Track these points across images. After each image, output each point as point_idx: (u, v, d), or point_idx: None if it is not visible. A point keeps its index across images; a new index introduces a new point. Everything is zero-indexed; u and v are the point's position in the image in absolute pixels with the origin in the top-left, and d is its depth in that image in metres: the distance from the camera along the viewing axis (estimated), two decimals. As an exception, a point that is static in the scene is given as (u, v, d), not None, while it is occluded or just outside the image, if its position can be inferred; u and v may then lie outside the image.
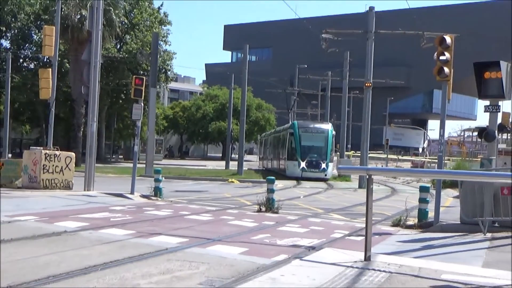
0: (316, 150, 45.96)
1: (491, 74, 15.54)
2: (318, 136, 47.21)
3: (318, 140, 46.83)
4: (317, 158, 45.14)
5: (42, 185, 23.62)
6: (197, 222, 15.76)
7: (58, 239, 11.59)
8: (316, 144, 46.55)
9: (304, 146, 45.97)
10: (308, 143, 46.40)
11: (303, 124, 50.13)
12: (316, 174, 44.37)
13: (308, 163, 44.67)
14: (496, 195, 14.11)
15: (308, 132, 47.46)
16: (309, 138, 46.87)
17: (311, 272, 8.70)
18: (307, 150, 45.73)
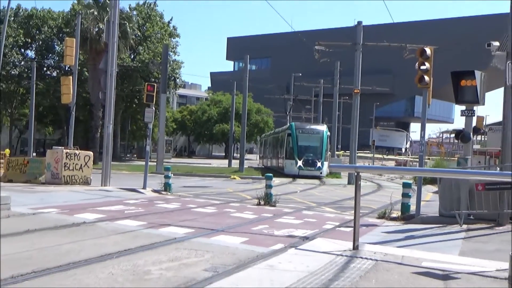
0: (312, 150, 44.96)
1: (466, 82, 15.53)
2: (314, 136, 46.08)
3: (314, 140, 45.75)
4: (313, 157, 44.14)
5: (63, 181, 23.63)
6: (202, 214, 15.74)
7: (78, 230, 11.59)
8: (312, 144, 45.49)
9: (301, 146, 45.06)
10: (305, 143, 45.41)
11: (300, 126, 49.24)
12: (312, 172, 43.34)
13: (305, 162, 43.69)
14: (471, 190, 14.13)
15: (305, 133, 46.38)
16: (306, 138, 45.85)
17: (305, 259, 8.70)
18: (303, 150, 44.75)
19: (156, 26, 66.84)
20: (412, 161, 65.90)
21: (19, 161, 26.86)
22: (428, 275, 7.90)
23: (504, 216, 14.22)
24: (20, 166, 26.02)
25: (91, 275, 7.41)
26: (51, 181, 23.68)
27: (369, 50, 40.26)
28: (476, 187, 13.78)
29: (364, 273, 7.88)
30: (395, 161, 76.89)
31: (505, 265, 8.42)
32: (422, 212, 16.63)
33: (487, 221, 14.30)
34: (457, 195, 14.48)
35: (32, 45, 67.04)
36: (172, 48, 66.33)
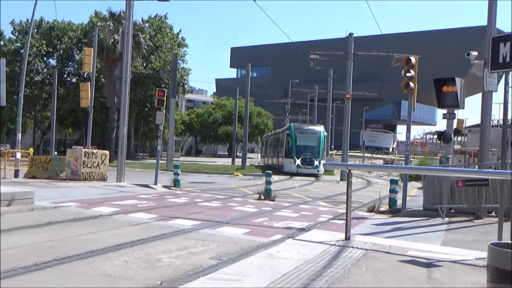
0: (309, 149, 43.51)
1: (448, 88, 15.57)
2: (311, 136, 44.60)
3: (311, 140, 44.29)
4: (310, 156, 42.68)
5: (82, 177, 23.62)
6: (208, 208, 15.74)
7: (95, 222, 11.59)
8: (310, 143, 44.06)
9: (299, 145, 43.72)
10: (303, 142, 44.10)
11: (299, 126, 48.18)
12: (309, 170, 41.92)
13: (303, 161, 42.41)
14: (452, 186, 14.19)
15: (303, 133, 45.10)
16: (304, 138, 44.47)
17: (301, 249, 8.70)
18: (301, 149, 43.42)
19: (166, 37, 66.86)
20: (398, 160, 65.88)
21: (42, 160, 26.85)
22: (413, 263, 7.91)
23: (482, 210, 14.28)
24: (43, 164, 26.01)
25: (107, 263, 7.42)
26: (71, 178, 23.68)
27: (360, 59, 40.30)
28: (457, 184, 13.83)
29: (355, 261, 7.89)
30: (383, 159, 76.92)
31: (483, 254, 8.43)
32: (407, 206, 16.67)
33: (467, 215, 14.36)
34: (439, 190, 14.54)
35: (54, 54, 67.11)
36: (181, 57, 66.39)
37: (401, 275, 7.14)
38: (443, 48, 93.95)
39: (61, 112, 62.53)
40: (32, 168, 26.17)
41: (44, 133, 76.47)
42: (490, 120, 16.07)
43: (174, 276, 6.80)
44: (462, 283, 6.79)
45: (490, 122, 15.86)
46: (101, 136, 62.37)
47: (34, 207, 13.28)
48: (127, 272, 6.97)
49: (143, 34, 57.14)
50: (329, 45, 59.27)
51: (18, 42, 64.31)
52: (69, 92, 61.96)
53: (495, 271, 2.71)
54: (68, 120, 69.85)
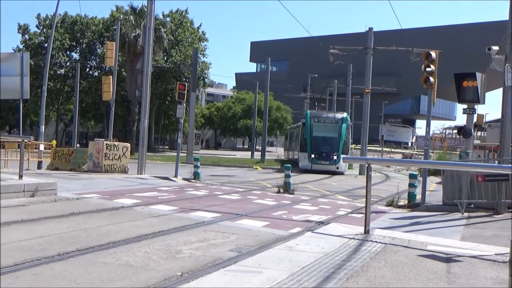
0: (328, 141, 37.54)
1: (468, 83, 15.41)
2: (330, 126, 38.45)
3: (331, 130, 38.11)
4: (328, 150, 36.74)
5: (103, 169, 23.75)
6: (228, 200, 15.76)
7: (117, 213, 11.66)
8: (328, 134, 37.84)
9: (315, 136, 37.75)
10: (320, 133, 37.93)
11: (316, 114, 41.61)
12: (326, 166, 36.30)
13: (318, 155, 36.49)
14: (472, 181, 14.05)
15: (321, 122, 38.96)
16: (321, 128, 38.31)
17: (320, 242, 8.68)
18: (318, 141, 37.50)
19: (187, 31, 66.98)
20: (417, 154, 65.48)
21: (64, 151, 27.06)
22: (433, 258, 7.85)
23: (502, 205, 14.12)
24: (66, 156, 26.22)
25: (129, 253, 7.46)
26: (93, 170, 23.83)
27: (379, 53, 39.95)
28: (476, 179, 13.69)
29: (374, 254, 7.86)
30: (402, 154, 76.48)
31: (503, 250, 8.38)
32: (426, 200, 16.55)
33: (486, 210, 14.21)
34: (459, 185, 14.40)
35: (77, 48, 67.61)
36: (201, 51, 66.46)
37: (420, 269, 7.09)
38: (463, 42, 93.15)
39: (84, 105, 63.03)
40: (55, 160, 26.40)
41: (67, 125, 77.08)
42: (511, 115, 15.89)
43: (195, 267, 6.82)
44: (481, 278, 6.73)
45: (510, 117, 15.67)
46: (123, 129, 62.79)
47: (57, 198, 13.39)
48: (148, 262, 7.01)
49: (164, 28, 57.33)
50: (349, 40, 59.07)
51: (42, 36, 64.81)
52: (91, 86, 62.47)
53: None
54: (90, 113, 70.35)
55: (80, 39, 66.51)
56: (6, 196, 12.42)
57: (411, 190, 17.35)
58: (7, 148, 27.80)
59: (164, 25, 58.34)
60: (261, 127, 60.98)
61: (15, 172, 15.73)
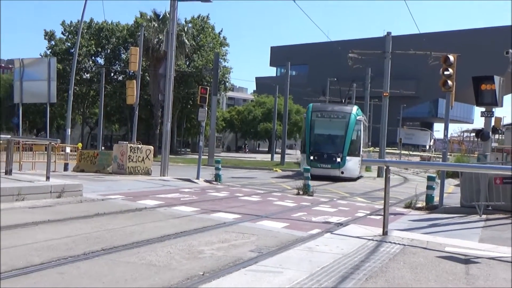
0: (331, 140, 30.89)
1: (486, 86, 15.27)
2: (335, 122, 30.90)
3: (335, 126, 30.74)
4: (330, 150, 29.87)
5: (127, 171, 23.88)
6: (248, 202, 15.76)
7: (140, 214, 11.72)
8: (332, 132, 30.95)
9: (317, 134, 30.98)
10: (322, 131, 31.05)
11: (319, 107, 33.52)
12: (327, 170, 29.33)
13: (318, 157, 29.62)
14: (490, 183, 13.91)
15: (324, 117, 31.41)
16: (324, 124, 31.04)
17: (339, 243, 8.64)
18: (319, 140, 30.85)
19: (209, 36, 67.23)
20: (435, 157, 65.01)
21: (90, 154, 27.25)
22: (451, 259, 7.78)
23: (520, 208, 13.97)
24: (91, 158, 26.40)
25: (152, 253, 7.48)
26: (117, 171, 23.97)
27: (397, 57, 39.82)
28: (495, 181, 13.58)
29: (393, 256, 7.80)
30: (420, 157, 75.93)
31: (521, 251, 8.27)
32: (444, 203, 16.43)
33: (505, 212, 14.04)
34: (477, 188, 14.27)
35: (102, 53, 68.20)
36: (222, 55, 66.56)
37: (439, 270, 7.02)
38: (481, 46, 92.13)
39: (108, 108, 63.50)
40: (80, 162, 26.59)
41: (92, 128, 77.75)
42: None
43: (216, 267, 6.82)
44: (500, 280, 6.65)
45: (528, 121, 15.52)
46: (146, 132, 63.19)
47: (83, 199, 13.50)
48: (171, 262, 7.02)
49: (186, 34, 57.53)
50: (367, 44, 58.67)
51: (68, 42, 65.46)
52: (116, 90, 62.93)
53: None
54: (114, 116, 70.87)
55: (105, 45, 67.10)
56: (34, 197, 12.56)
57: (429, 192, 17.22)
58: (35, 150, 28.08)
59: (186, 31, 58.56)
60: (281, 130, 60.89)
61: (42, 173, 15.89)
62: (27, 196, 12.36)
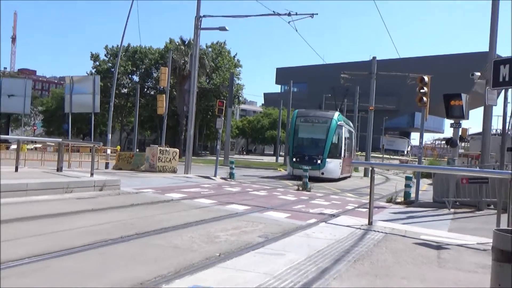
0: (312, 143, 27.83)
1: (455, 102, 15.23)
2: (317, 126, 28.00)
3: (318, 131, 27.82)
4: (311, 152, 27.00)
5: (157, 169, 23.94)
6: (257, 196, 15.73)
7: (168, 205, 11.72)
8: (314, 136, 27.99)
9: (300, 138, 28.37)
10: (305, 134, 28.34)
11: (304, 113, 30.01)
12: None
13: (300, 158, 26.86)
14: (458, 183, 13.91)
15: (308, 122, 28.56)
16: (307, 129, 28.32)
17: (332, 231, 8.61)
18: (301, 143, 28.17)
19: (225, 59, 67.34)
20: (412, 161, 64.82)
21: (126, 155, 27.33)
22: (425, 245, 7.73)
23: (483, 203, 13.94)
24: (127, 158, 26.48)
25: (177, 237, 7.48)
26: (149, 170, 24.03)
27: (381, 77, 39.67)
28: (461, 181, 13.54)
29: (377, 242, 7.76)
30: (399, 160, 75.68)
31: (484, 240, 8.24)
32: (419, 198, 16.40)
33: (469, 207, 14.03)
34: (447, 186, 14.26)
35: (137, 72, 68.53)
36: (236, 75, 66.61)
37: (415, 254, 6.98)
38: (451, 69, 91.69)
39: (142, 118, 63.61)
40: (119, 162, 26.68)
41: (128, 134, 77.99)
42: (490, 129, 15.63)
43: (230, 250, 6.82)
44: (466, 263, 6.60)
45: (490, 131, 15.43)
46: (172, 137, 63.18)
47: (120, 192, 13.54)
48: (192, 245, 7.02)
49: (207, 57, 57.79)
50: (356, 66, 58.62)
51: (110, 63, 65.81)
52: (148, 102, 63.09)
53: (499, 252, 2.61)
54: (147, 124, 71.06)
55: (140, 65, 67.46)
56: (80, 190, 12.61)
57: (407, 189, 17.15)
58: (81, 151, 28.20)
59: (207, 54, 58.80)
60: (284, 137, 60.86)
61: (87, 171, 15.96)
62: (74, 189, 12.42)
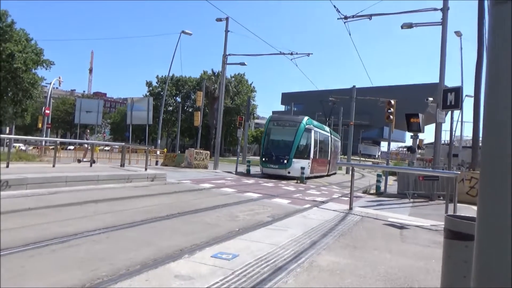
0: (281, 144, 22.91)
1: (414, 119, 15.11)
2: (287, 129, 23.23)
3: (287, 134, 23.03)
4: (279, 153, 22.47)
5: (193, 166, 24.02)
6: (266, 187, 15.67)
7: (201, 192, 11.73)
8: (283, 138, 23.04)
9: (271, 140, 23.42)
10: (276, 137, 23.36)
11: (277, 118, 25.17)
12: (275, 170, 22.08)
13: (269, 158, 22.61)
14: (416, 179, 13.76)
15: (279, 126, 23.69)
16: (278, 131, 23.45)
17: (322, 213, 8.55)
18: (271, 145, 23.19)
19: (244, 86, 67.42)
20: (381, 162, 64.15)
21: (171, 155, 27.45)
22: (392, 226, 7.65)
23: (434, 195, 13.73)
24: (172, 158, 26.60)
25: (207, 216, 7.48)
26: (187, 166, 24.12)
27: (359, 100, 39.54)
28: (419, 178, 13.38)
29: (355, 222, 7.69)
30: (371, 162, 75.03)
31: (435, 223, 8.12)
32: (387, 191, 16.19)
33: (424, 198, 13.84)
34: (407, 182, 14.09)
35: (179, 94, 68.80)
36: (252, 98, 66.67)
37: (384, 232, 6.91)
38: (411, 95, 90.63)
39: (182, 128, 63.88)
40: (165, 160, 26.82)
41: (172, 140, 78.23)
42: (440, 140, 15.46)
43: (246, 226, 6.79)
44: (421, 239, 6.52)
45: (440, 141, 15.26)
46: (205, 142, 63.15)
47: (166, 182, 13.57)
48: (218, 222, 7.01)
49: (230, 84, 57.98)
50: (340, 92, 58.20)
51: (159, 88, 66.27)
52: (187, 117, 63.23)
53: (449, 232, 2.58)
54: (186, 132, 71.25)
55: (182, 89, 67.77)
56: (137, 180, 12.67)
57: (378, 184, 16.96)
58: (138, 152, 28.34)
59: (230, 83, 58.98)
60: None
61: (142, 166, 16.05)
62: (133, 179, 12.49)
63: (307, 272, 4.17)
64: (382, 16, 16.20)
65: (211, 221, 7.08)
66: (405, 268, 4.64)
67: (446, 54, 14.14)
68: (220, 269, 4.03)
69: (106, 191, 10.02)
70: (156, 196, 9.92)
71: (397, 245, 5.95)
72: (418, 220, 8.59)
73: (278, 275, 3.96)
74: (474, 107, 15.90)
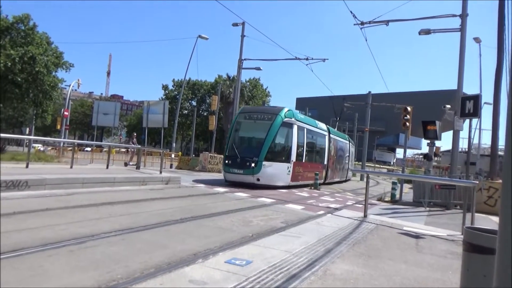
0: (249, 143, 16.75)
1: (431, 127, 14.89)
2: (260, 124, 16.38)
3: (258, 129, 16.35)
4: (245, 154, 15.93)
5: (207, 170, 24.11)
6: (280, 192, 15.60)
7: (215, 196, 11.75)
8: (254, 134, 16.67)
9: (238, 137, 17.00)
10: (244, 133, 17.03)
11: (248, 109, 18.88)
12: (240, 176, 15.80)
13: (232, 161, 16.04)
14: (432, 188, 13.53)
15: (250, 119, 16.85)
16: (248, 126, 16.89)
17: (336, 220, 8.47)
18: (237, 143, 16.70)
19: (259, 90, 67.54)
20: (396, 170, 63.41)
21: (185, 159, 27.64)
22: (407, 235, 7.53)
23: (451, 204, 13.51)
24: (186, 161, 26.77)
25: (221, 221, 7.49)
26: (201, 170, 24.23)
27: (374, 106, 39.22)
28: (435, 187, 13.18)
29: (370, 231, 7.60)
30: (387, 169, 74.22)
31: (452, 232, 7.99)
32: (402, 199, 15.98)
33: (440, 206, 13.61)
34: (423, 190, 13.88)
35: (195, 98, 69.25)
36: (267, 102, 66.67)
37: (399, 241, 6.81)
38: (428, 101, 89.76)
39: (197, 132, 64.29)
40: (180, 163, 27.00)
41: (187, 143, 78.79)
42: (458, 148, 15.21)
43: (260, 232, 6.77)
44: (438, 250, 6.40)
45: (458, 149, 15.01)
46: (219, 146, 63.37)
47: (181, 186, 13.65)
48: (232, 227, 7.01)
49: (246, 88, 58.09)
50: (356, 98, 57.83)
51: (175, 91, 66.88)
52: (202, 121, 63.64)
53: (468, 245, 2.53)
54: (201, 136, 71.60)
55: (197, 93, 68.23)
56: (152, 183, 12.78)
57: (393, 191, 16.74)
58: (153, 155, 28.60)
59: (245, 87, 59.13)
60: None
61: (157, 169, 16.17)
62: (148, 182, 12.60)
63: (321, 280, 4.14)
64: (399, 22, 16.08)
65: (224, 225, 7.08)
66: (421, 279, 4.56)
67: (464, 60, 13.93)
68: (233, 275, 4.02)
69: (121, 193, 10.12)
70: (170, 199, 9.96)
71: (413, 255, 5.85)
72: (434, 230, 8.43)
73: (292, 283, 3.94)
74: (493, 115, 15.62)
